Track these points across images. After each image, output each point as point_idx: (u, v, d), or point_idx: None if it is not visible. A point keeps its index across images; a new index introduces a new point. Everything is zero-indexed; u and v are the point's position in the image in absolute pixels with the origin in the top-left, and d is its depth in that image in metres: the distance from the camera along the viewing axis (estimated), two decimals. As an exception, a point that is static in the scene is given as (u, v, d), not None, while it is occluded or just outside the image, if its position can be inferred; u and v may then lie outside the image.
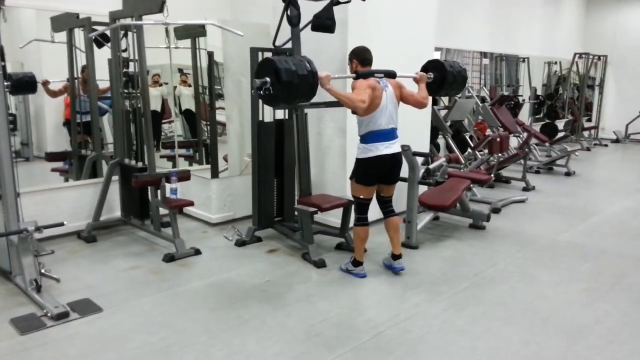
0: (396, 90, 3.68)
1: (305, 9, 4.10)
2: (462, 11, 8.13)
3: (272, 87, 3.12)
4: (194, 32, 5.24)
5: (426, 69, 3.94)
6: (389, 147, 3.63)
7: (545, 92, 11.24)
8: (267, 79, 3.12)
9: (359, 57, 3.70)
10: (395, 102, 3.67)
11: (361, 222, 3.81)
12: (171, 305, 3.36)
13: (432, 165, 4.99)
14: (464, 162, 6.63)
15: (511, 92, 9.76)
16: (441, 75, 3.88)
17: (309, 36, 4.25)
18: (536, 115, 10.81)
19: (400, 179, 4.59)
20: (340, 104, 3.57)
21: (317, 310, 3.28)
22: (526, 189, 6.70)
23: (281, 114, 4.57)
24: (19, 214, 3.45)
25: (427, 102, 3.83)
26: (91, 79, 4.82)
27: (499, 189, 6.76)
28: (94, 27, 4.57)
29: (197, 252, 4.24)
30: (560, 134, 9.55)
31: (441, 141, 7.46)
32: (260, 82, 3.13)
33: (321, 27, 4.10)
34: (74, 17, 4.60)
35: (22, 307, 3.24)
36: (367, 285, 3.73)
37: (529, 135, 7.43)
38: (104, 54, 4.70)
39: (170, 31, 5.18)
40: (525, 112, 10.20)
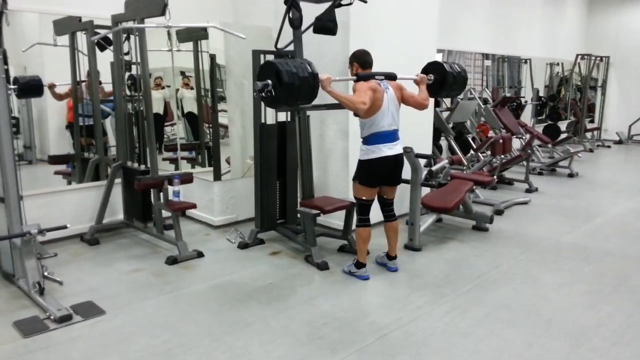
0: (397, 92, 3.70)
1: (307, 12, 4.11)
2: (463, 12, 8.13)
3: (273, 89, 3.15)
4: (196, 34, 5.25)
5: (426, 70, 3.96)
6: (392, 149, 3.66)
7: (547, 94, 11.22)
8: (269, 81, 3.15)
9: (360, 60, 3.72)
10: (396, 104, 3.69)
11: (363, 223, 3.82)
12: (174, 307, 3.36)
13: (435, 167, 4.99)
14: (467, 163, 6.62)
15: (513, 94, 9.75)
16: (441, 76, 3.90)
17: (310, 39, 4.26)
18: (538, 116, 10.79)
19: (402, 181, 4.59)
20: (341, 106, 3.58)
21: (320, 312, 3.28)
22: (529, 191, 6.68)
23: (283, 117, 4.58)
24: (22, 217, 3.47)
25: (428, 103, 3.84)
26: (94, 82, 4.84)
27: (502, 190, 6.75)
28: (97, 30, 4.59)
29: (200, 255, 4.24)
30: (562, 136, 9.54)
31: (443, 143, 7.46)
32: (262, 84, 3.17)
33: (323, 29, 4.11)
34: (77, 20, 4.63)
35: (25, 310, 3.25)
36: (370, 287, 3.73)
37: (531, 136, 7.42)
38: (106, 57, 4.71)
39: (172, 34, 5.19)
40: (527, 113, 10.18)
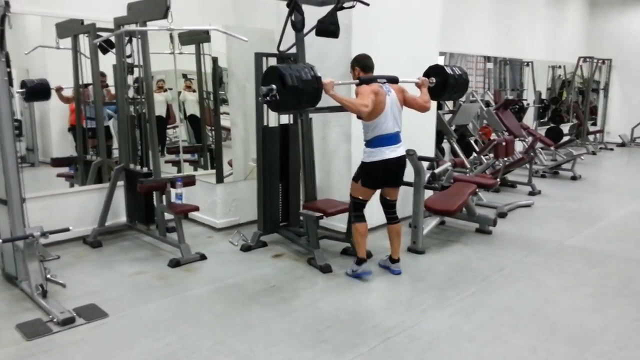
0: (399, 94, 3.74)
1: (309, 14, 4.11)
2: (465, 15, 8.13)
3: (278, 94, 3.20)
4: (198, 37, 5.25)
5: (428, 74, 3.99)
6: (395, 151, 3.69)
7: (549, 96, 11.21)
8: (273, 85, 3.20)
9: (361, 64, 3.77)
10: (398, 106, 3.73)
11: (359, 218, 3.88)
12: (177, 310, 3.35)
13: (438, 169, 4.98)
14: (470, 166, 6.61)
15: (515, 96, 9.74)
16: (443, 79, 3.92)
17: (313, 41, 4.26)
18: (541, 119, 10.78)
19: (405, 184, 4.59)
20: (344, 109, 3.61)
21: (324, 316, 3.26)
22: (532, 193, 6.66)
23: (286, 119, 4.57)
24: (24, 220, 3.46)
25: (430, 105, 3.87)
26: (95, 86, 4.84)
27: (505, 193, 6.73)
28: (99, 33, 4.60)
29: (203, 257, 4.23)
30: (565, 138, 9.52)
31: (446, 145, 7.44)
32: (266, 89, 3.21)
33: (325, 32, 4.11)
34: (79, 23, 4.62)
35: (28, 313, 3.24)
36: (373, 290, 3.72)
37: (534, 139, 7.41)
38: (109, 60, 4.71)
39: (174, 37, 5.19)
40: (529, 116, 10.17)
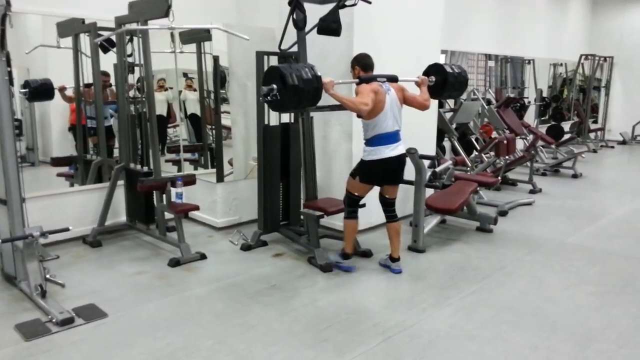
0: (399, 93, 3.77)
1: (311, 13, 4.09)
2: (466, 13, 8.10)
3: (279, 93, 3.22)
4: (199, 36, 5.23)
5: (428, 73, 4.01)
6: (394, 150, 3.73)
7: (550, 94, 11.18)
8: (274, 85, 3.22)
9: (361, 63, 3.80)
10: (398, 105, 3.75)
11: (352, 215, 3.95)
12: (177, 310, 3.34)
13: (439, 168, 4.96)
14: (471, 164, 6.59)
15: (516, 94, 9.71)
16: (442, 77, 3.94)
17: (314, 39, 4.24)
18: (542, 117, 10.75)
19: (406, 182, 4.58)
20: (345, 108, 3.61)
21: (325, 315, 3.26)
22: (533, 192, 6.65)
23: (287, 118, 4.56)
24: (24, 219, 3.45)
25: (429, 104, 3.88)
26: (96, 85, 4.83)
27: (506, 191, 6.72)
28: (100, 32, 4.58)
29: (203, 257, 4.22)
30: (566, 136, 9.50)
31: (446, 144, 7.42)
32: (267, 89, 3.24)
33: (327, 30, 4.10)
34: (80, 22, 4.61)
35: (27, 313, 3.23)
36: (374, 289, 3.71)
37: (535, 137, 7.39)
38: (110, 59, 4.70)
39: (175, 36, 5.18)
40: (531, 114, 10.14)
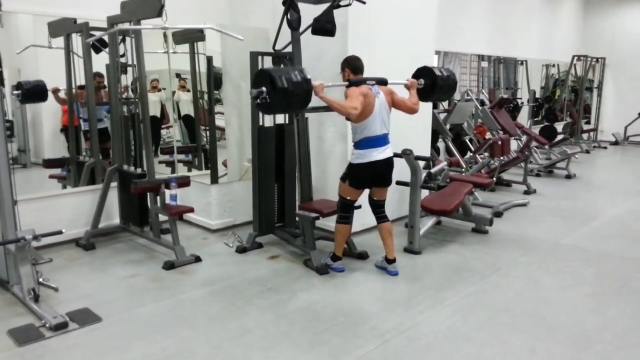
0: (388, 96, 3.77)
1: (305, 13, 4.07)
2: (459, 14, 8.11)
3: (268, 96, 3.23)
4: (192, 36, 5.20)
5: (417, 75, 4.01)
6: (382, 153, 3.74)
7: (543, 95, 11.23)
8: (264, 88, 3.23)
9: (351, 66, 3.81)
10: (387, 108, 3.76)
11: (345, 220, 3.94)
12: (172, 313, 3.30)
13: (434, 169, 4.95)
14: (465, 165, 6.60)
15: (510, 95, 9.74)
16: (431, 80, 3.94)
17: (309, 40, 4.22)
18: (535, 118, 10.79)
19: (402, 184, 4.58)
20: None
21: (322, 318, 3.23)
22: (527, 192, 6.66)
23: (281, 119, 4.53)
24: (16, 222, 3.40)
25: (418, 108, 3.88)
26: (88, 86, 4.78)
27: (500, 192, 6.73)
28: (92, 32, 4.54)
29: (198, 259, 4.18)
30: (559, 137, 9.54)
31: (441, 145, 7.42)
32: (256, 91, 3.25)
33: (321, 30, 4.08)
34: (72, 22, 4.56)
35: (19, 318, 3.18)
36: (370, 291, 3.69)
37: (529, 138, 7.41)
38: (103, 60, 4.65)
39: (168, 36, 5.14)
40: (524, 114, 10.18)
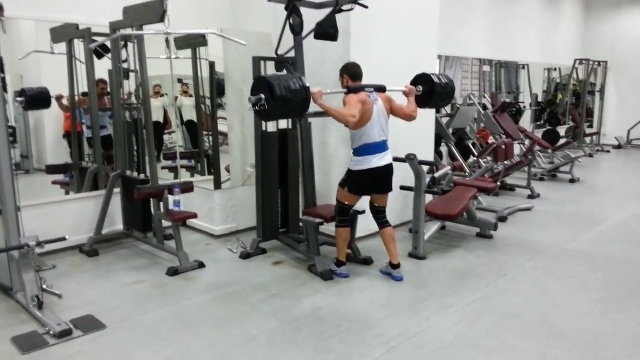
0: (386, 103, 3.77)
1: (307, 17, 4.07)
2: (461, 19, 8.11)
3: (266, 103, 3.24)
4: (194, 41, 5.19)
5: (415, 82, 4.00)
6: (382, 159, 3.73)
7: (545, 99, 11.21)
8: (262, 95, 3.23)
9: (350, 72, 3.80)
10: (385, 115, 3.75)
11: (343, 223, 3.94)
12: (176, 320, 3.27)
13: (438, 173, 4.93)
14: (468, 170, 6.57)
15: (512, 99, 9.73)
16: (429, 87, 3.94)
17: (311, 44, 4.22)
18: (537, 121, 10.78)
19: (406, 188, 4.55)
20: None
21: (327, 324, 3.20)
22: (531, 197, 6.63)
23: (284, 124, 4.51)
24: (19, 229, 3.38)
25: (416, 114, 3.86)
26: (90, 92, 4.77)
27: (504, 196, 6.70)
28: (94, 37, 4.53)
29: (201, 265, 4.16)
30: (562, 140, 9.52)
31: (443, 149, 7.41)
32: (255, 98, 3.26)
33: (324, 35, 4.08)
34: (74, 27, 4.55)
35: (23, 325, 3.15)
36: (376, 298, 3.65)
37: (532, 142, 7.39)
38: (105, 65, 4.64)
39: (170, 41, 5.13)
40: (526, 118, 10.17)
